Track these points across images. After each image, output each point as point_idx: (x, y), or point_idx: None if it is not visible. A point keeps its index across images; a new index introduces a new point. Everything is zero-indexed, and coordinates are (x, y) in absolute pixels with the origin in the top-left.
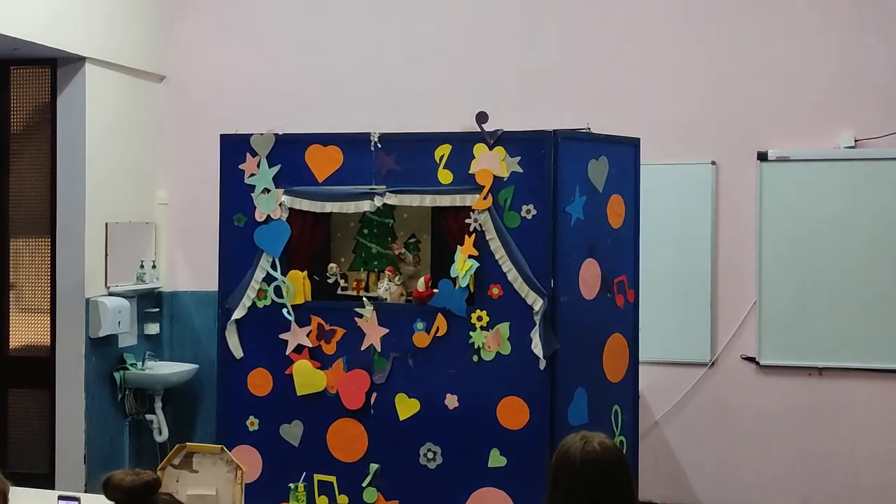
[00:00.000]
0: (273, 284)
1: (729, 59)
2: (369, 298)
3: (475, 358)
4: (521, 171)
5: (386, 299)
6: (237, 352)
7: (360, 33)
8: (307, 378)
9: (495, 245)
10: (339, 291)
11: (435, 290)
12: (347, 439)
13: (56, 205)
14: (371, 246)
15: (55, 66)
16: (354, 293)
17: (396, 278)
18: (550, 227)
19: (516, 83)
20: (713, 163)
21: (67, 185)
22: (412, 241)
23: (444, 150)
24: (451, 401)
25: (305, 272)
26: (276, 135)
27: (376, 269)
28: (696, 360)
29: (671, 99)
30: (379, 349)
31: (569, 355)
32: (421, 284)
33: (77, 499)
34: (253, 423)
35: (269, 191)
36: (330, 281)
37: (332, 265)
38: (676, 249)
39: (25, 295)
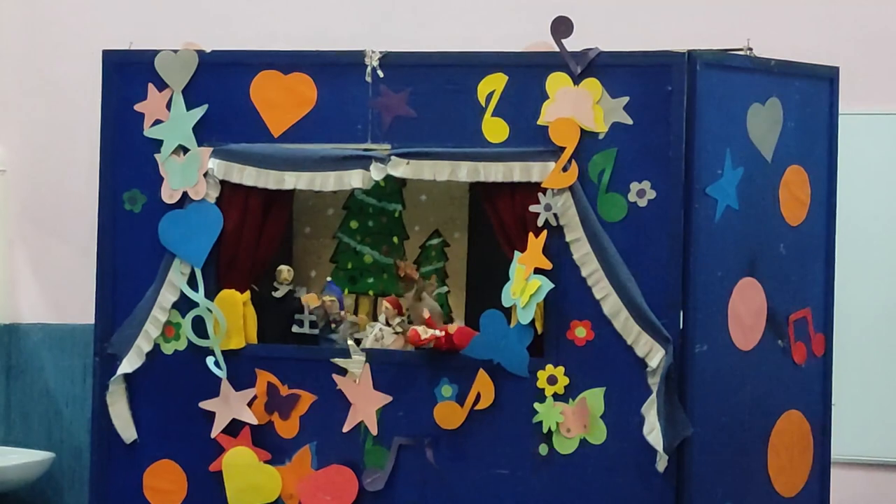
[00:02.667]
0: (191, 315)
1: None
2: (358, 342)
3: (544, 450)
4: (629, 122)
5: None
6: (126, 432)
7: None
8: (248, 479)
9: (582, 252)
10: (305, 328)
11: (466, 331)
12: None
13: None
14: (363, 250)
15: None
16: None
17: (397, 321)
18: (680, 224)
19: None
20: None
21: None
22: (435, 242)
23: (492, 84)
24: None
25: (248, 293)
26: (199, 52)
27: (372, 293)
28: None
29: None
30: (375, 431)
31: (709, 448)
32: (424, 319)
33: None
34: None
35: (186, 150)
36: (277, 294)
37: (281, 268)
38: None
39: None
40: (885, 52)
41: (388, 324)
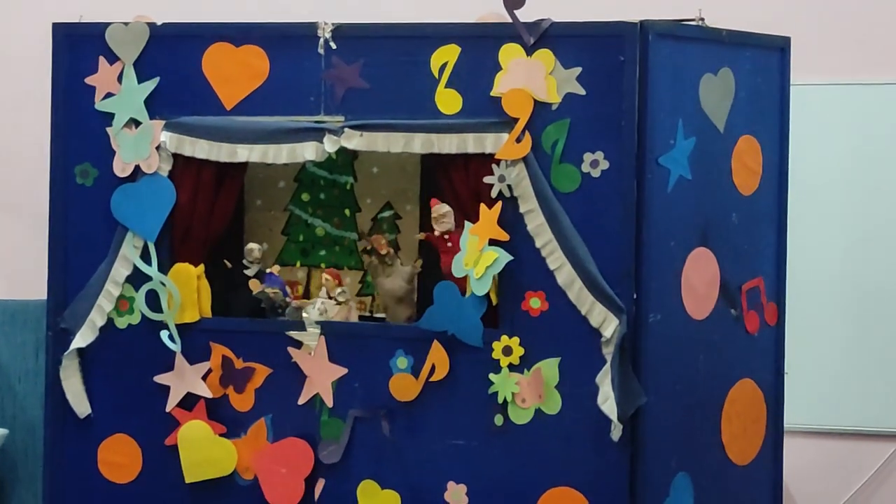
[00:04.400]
0: (144, 288)
1: None
2: (296, 313)
3: (499, 420)
4: (582, 92)
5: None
6: (80, 406)
7: None
8: (203, 453)
9: (536, 223)
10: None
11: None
12: None
13: None
14: (315, 223)
15: None
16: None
17: (339, 290)
18: (633, 194)
19: None
20: None
21: None
22: (387, 215)
23: (445, 56)
24: (457, 495)
25: (202, 267)
26: (150, 25)
27: (324, 265)
28: (884, 427)
29: None
30: (330, 403)
31: (663, 417)
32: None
33: None
34: None
35: (138, 123)
36: (248, 272)
37: (251, 246)
38: (849, 235)
39: None
40: (837, 23)
41: (329, 296)
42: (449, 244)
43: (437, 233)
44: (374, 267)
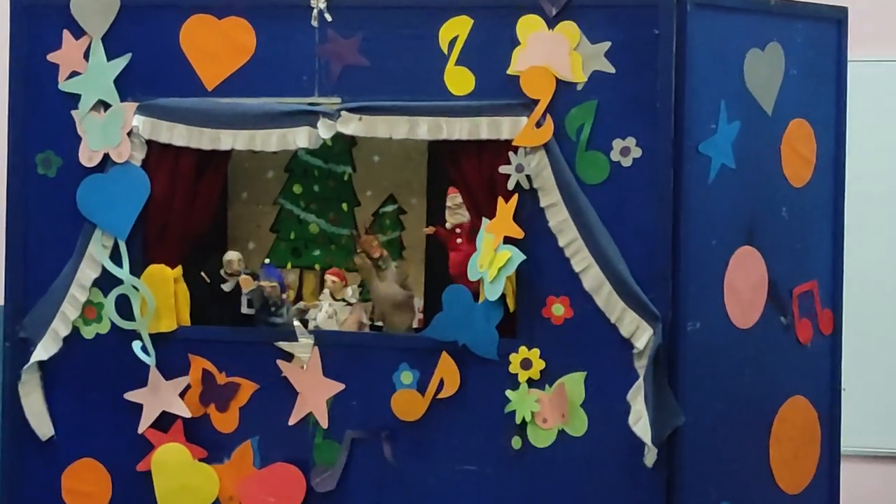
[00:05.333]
0: (115, 293)
1: None
2: (305, 323)
3: (517, 443)
4: (611, 71)
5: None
6: (42, 427)
7: None
8: (181, 480)
9: (559, 218)
10: (245, 308)
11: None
12: None
13: None
14: (308, 218)
15: None
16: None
17: (349, 291)
18: (669, 185)
19: None
20: None
21: None
22: (390, 209)
23: (455, 29)
24: None
25: (179, 269)
26: None
27: (319, 267)
28: None
29: None
30: (325, 424)
31: (703, 439)
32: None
33: None
34: None
35: (107, 106)
36: (225, 287)
37: (230, 255)
38: None
39: None
40: None
41: (335, 298)
42: (459, 241)
43: (448, 225)
44: (366, 271)
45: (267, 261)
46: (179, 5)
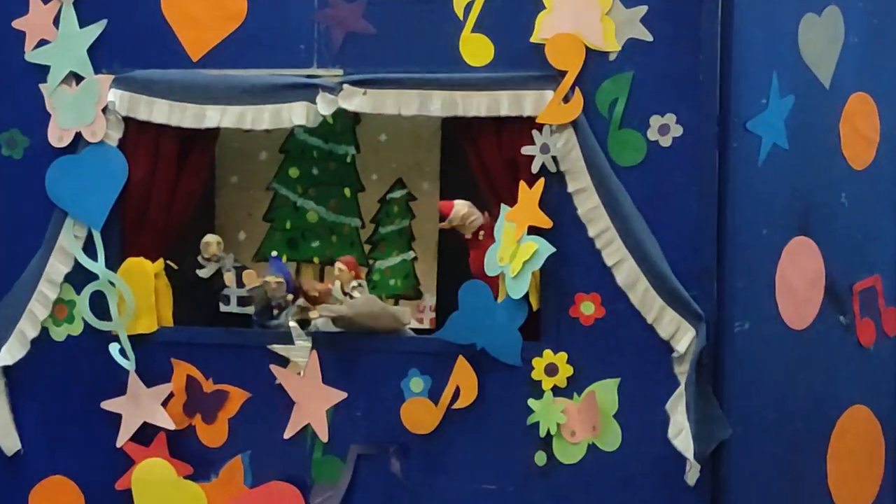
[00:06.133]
0: (89, 290)
1: None
2: (303, 324)
3: (541, 459)
4: (648, 38)
5: (346, 321)
6: (7, 440)
7: None
8: (164, 499)
9: (589, 206)
10: (229, 306)
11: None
12: None
13: None
14: (306, 206)
15: None
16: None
17: (353, 285)
18: (714, 168)
19: None
20: None
21: None
22: (398, 195)
23: None
24: None
25: (161, 263)
26: None
27: (318, 260)
28: None
29: None
30: (325, 437)
31: (752, 454)
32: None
33: None
34: None
35: (80, 79)
36: (202, 273)
37: (208, 239)
38: None
39: None
40: None
41: (343, 293)
42: (481, 235)
43: (467, 236)
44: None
45: (274, 253)
46: None
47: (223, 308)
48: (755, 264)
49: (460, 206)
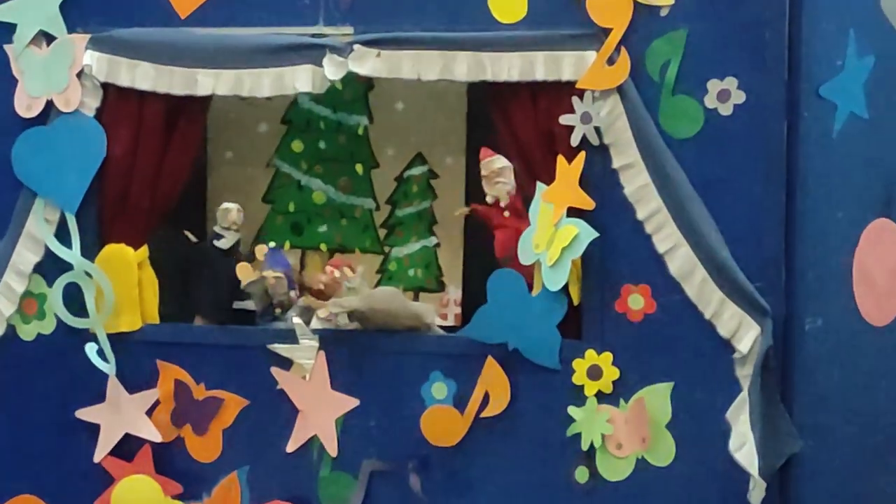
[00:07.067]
0: (62, 281)
1: None
2: (305, 315)
3: (583, 475)
4: None
5: (358, 317)
6: None
7: None
8: None
9: (638, 183)
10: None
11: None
12: None
13: None
14: (311, 184)
15: None
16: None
17: (351, 280)
18: (783, 140)
19: None
20: None
21: None
22: (418, 172)
23: None
24: None
25: (145, 250)
26: None
27: (325, 247)
28: None
29: None
30: (334, 451)
31: (827, 470)
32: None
33: None
34: None
35: (51, 39)
36: (221, 244)
37: (228, 205)
38: None
39: None
40: None
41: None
42: (506, 213)
43: (488, 199)
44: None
45: (272, 244)
46: None
47: (237, 305)
48: (829, 251)
49: (498, 160)
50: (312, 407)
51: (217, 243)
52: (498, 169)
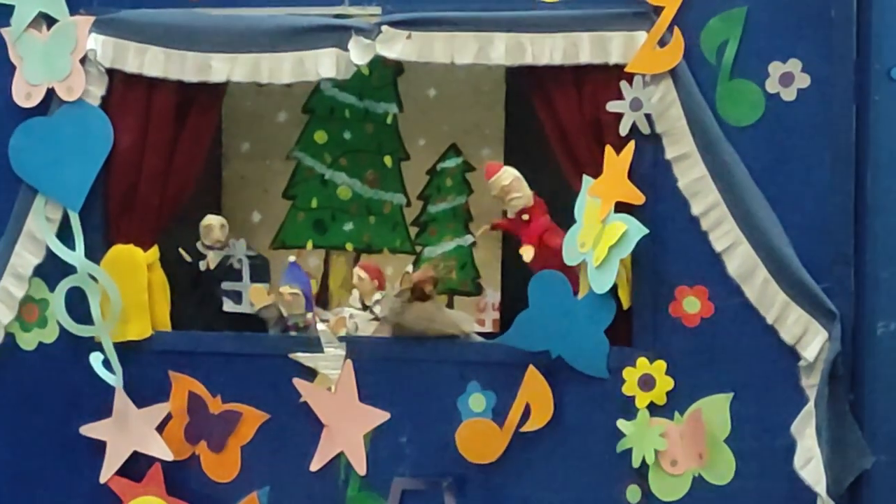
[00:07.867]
0: (65, 285)
1: None
2: (329, 322)
3: (634, 494)
4: None
5: (378, 325)
6: None
7: None
8: None
9: (693, 176)
10: (241, 304)
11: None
12: None
13: None
14: (336, 178)
15: None
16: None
17: (377, 297)
18: (851, 128)
19: None
20: None
21: None
22: (452, 165)
23: None
24: None
25: (155, 251)
26: None
27: (352, 247)
28: None
29: None
30: (362, 470)
31: None
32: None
33: None
34: None
35: (52, 22)
36: (202, 265)
37: (210, 221)
38: None
39: None
40: None
41: (364, 306)
42: (525, 217)
43: (509, 215)
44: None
45: (292, 258)
46: None
47: (228, 307)
48: None
49: (505, 175)
50: (339, 421)
51: (201, 263)
52: (507, 185)
